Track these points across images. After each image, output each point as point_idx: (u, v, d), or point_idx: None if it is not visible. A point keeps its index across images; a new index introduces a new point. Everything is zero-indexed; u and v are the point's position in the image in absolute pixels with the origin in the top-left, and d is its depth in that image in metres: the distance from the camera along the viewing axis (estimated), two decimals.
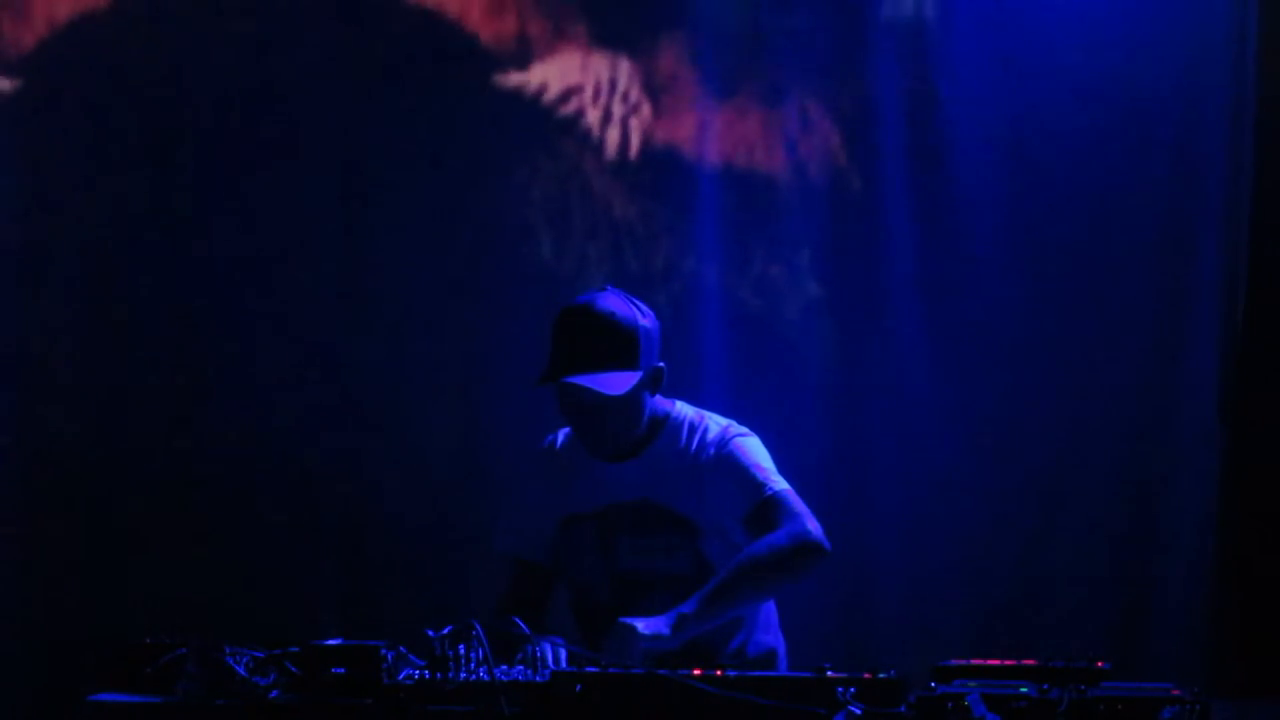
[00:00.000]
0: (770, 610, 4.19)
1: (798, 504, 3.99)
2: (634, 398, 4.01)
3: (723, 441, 4.06)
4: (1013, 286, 5.43)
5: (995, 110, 5.45)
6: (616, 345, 3.98)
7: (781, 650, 4.20)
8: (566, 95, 5.51)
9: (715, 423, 4.11)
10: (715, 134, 5.49)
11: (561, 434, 4.21)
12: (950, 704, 3.21)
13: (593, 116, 5.52)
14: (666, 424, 4.11)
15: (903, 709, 3.28)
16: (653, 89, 5.52)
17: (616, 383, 3.96)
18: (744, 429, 4.12)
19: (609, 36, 5.52)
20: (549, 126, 5.51)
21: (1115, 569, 5.37)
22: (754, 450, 4.07)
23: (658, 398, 4.11)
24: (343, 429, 5.55)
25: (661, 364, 4.07)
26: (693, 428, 4.10)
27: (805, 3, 5.48)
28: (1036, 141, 5.44)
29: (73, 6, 5.50)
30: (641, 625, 3.79)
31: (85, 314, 5.56)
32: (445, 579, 5.42)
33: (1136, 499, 5.39)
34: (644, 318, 4.04)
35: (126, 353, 5.55)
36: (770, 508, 3.98)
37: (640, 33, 5.52)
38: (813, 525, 3.95)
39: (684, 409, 4.14)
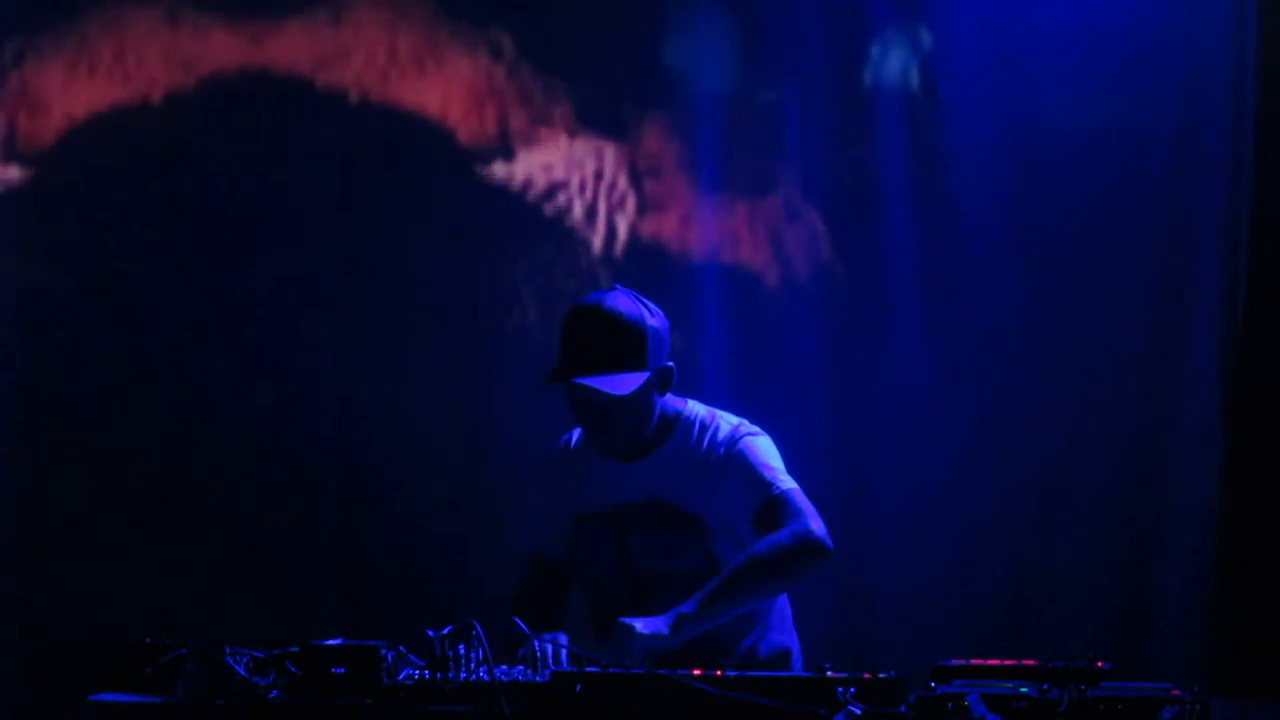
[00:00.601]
0: (784, 609, 4.17)
1: (804, 503, 3.98)
2: (641, 398, 4.00)
3: (733, 440, 4.05)
4: (1013, 287, 5.43)
5: (995, 110, 5.45)
6: (624, 345, 3.97)
7: (796, 649, 4.18)
8: (552, 190, 5.54)
9: (726, 421, 4.10)
10: (702, 220, 5.51)
11: (575, 433, 4.20)
12: (950, 704, 3.21)
13: (579, 211, 5.53)
14: (678, 423, 4.10)
15: (903, 709, 3.28)
16: (638, 176, 5.54)
17: (623, 383, 3.95)
18: (755, 428, 4.10)
19: (593, 119, 5.55)
20: (535, 222, 5.56)
21: (1115, 569, 5.37)
22: (763, 449, 4.06)
23: (669, 396, 4.09)
24: (343, 431, 5.56)
25: (670, 364, 4.05)
26: (704, 426, 4.09)
27: (796, 70, 5.50)
28: (1036, 141, 5.44)
29: (89, 103, 5.58)
30: (640, 625, 3.78)
31: (87, 319, 5.58)
32: (445, 579, 5.43)
33: (1136, 499, 5.39)
34: (653, 317, 4.03)
35: (127, 355, 5.57)
36: (776, 507, 3.97)
37: (625, 113, 5.55)
38: (816, 525, 3.94)
39: (696, 408, 4.13)
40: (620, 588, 4.06)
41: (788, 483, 4.01)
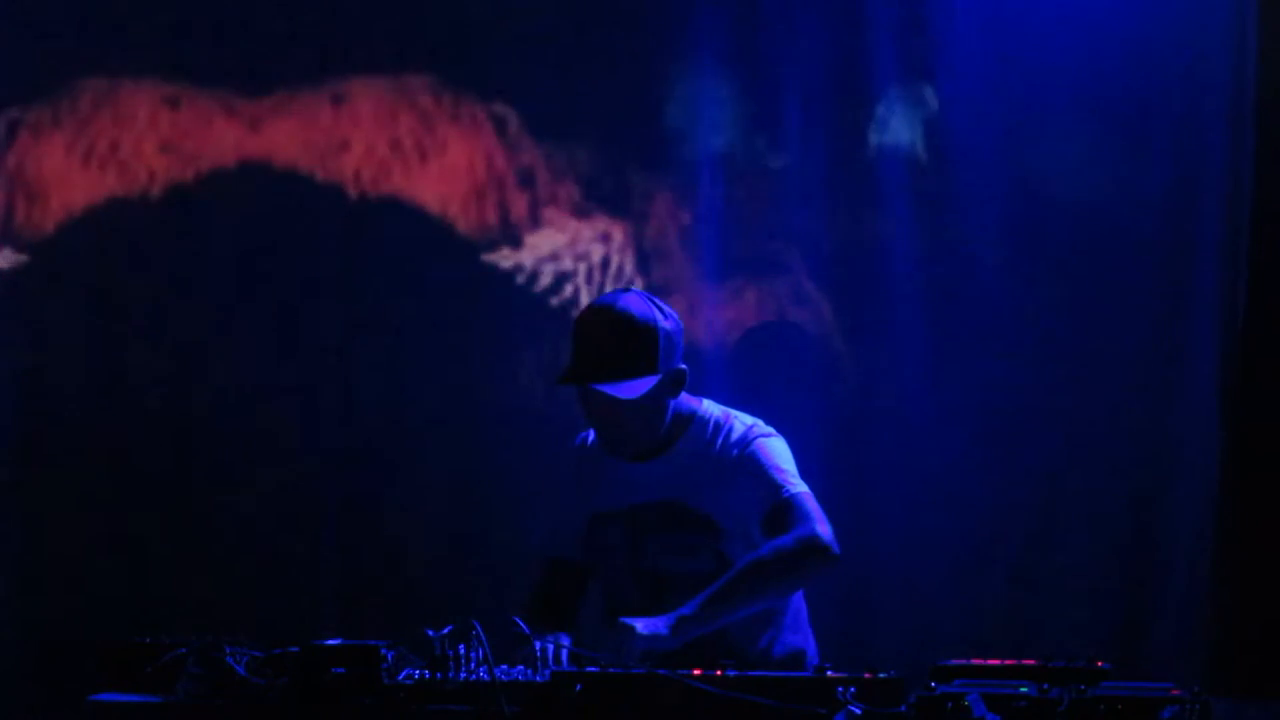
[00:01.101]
0: (799, 610, 4.17)
1: (812, 507, 3.97)
2: (653, 400, 3.99)
3: (745, 441, 4.05)
4: (1013, 287, 5.43)
5: (995, 110, 5.45)
6: (635, 348, 3.96)
7: (811, 650, 4.17)
8: (559, 280, 5.54)
9: (740, 422, 4.09)
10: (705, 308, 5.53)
11: (591, 432, 4.19)
12: (950, 704, 3.21)
13: (585, 300, 5.52)
14: (692, 422, 4.09)
15: (903, 709, 3.28)
16: (644, 258, 5.54)
17: (633, 386, 3.95)
18: (769, 429, 4.09)
19: (598, 196, 5.56)
20: (542, 310, 5.57)
21: (1115, 569, 5.37)
22: (776, 451, 4.05)
23: (684, 396, 4.08)
24: (343, 432, 5.57)
25: (683, 366, 4.05)
26: (718, 427, 4.08)
27: (798, 136, 5.49)
28: (1036, 142, 5.43)
29: (88, 195, 5.61)
30: (640, 626, 3.78)
31: (88, 321, 5.58)
32: (445, 580, 5.43)
33: (1136, 499, 5.39)
34: (665, 320, 4.02)
35: (129, 357, 5.58)
36: (785, 510, 3.96)
37: (630, 185, 5.55)
38: (823, 529, 3.93)
39: (711, 408, 4.12)
40: (634, 588, 4.06)
41: (798, 486, 4.00)
